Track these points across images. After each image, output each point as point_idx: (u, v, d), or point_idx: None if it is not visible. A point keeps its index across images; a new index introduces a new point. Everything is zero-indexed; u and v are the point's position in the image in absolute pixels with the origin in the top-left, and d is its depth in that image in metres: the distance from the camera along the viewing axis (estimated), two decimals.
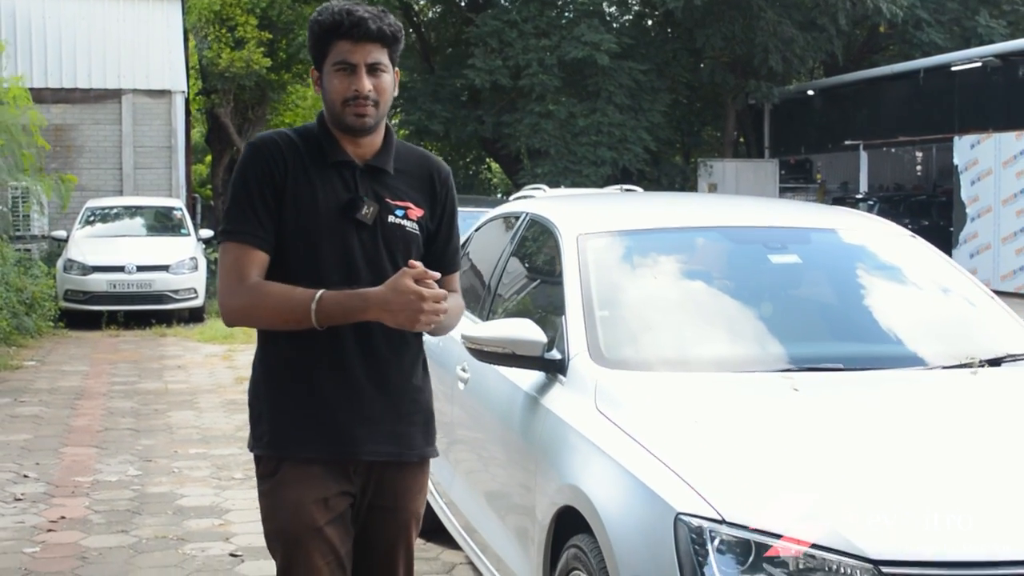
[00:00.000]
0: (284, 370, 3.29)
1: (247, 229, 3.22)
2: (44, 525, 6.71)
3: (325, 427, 3.25)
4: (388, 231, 3.29)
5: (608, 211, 5.64)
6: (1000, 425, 3.84)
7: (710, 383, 4.04)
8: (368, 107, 3.21)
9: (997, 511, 3.24)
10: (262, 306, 3.19)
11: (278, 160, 3.25)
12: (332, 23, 3.20)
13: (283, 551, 3.28)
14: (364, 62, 3.19)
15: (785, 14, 29.12)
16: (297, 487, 3.25)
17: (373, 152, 3.32)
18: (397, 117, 32.94)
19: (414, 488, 3.45)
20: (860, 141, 29.36)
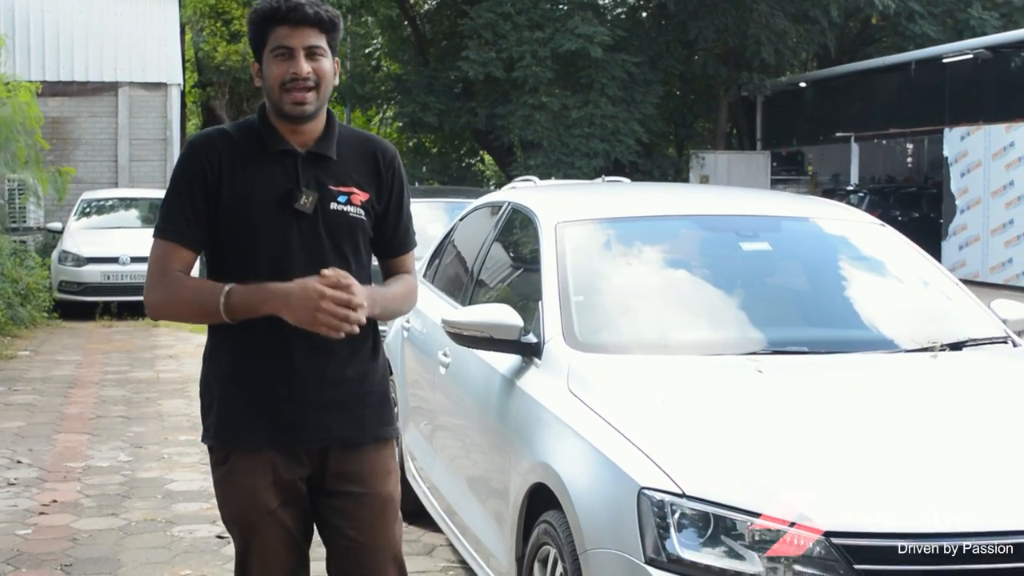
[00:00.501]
0: (229, 362, 3.33)
1: (172, 227, 3.27)
2: (36, 508, 6.84)
3: (269, 417, 3.30)
4: (330, 218, 3.31)
5: (586, 200, 5.77)
6: (953, 405, 4.00)
7: (678, 365, 4.19)
8: (307, 92, 3.21)
9: (941, 486, 3.39)
10: (178, 300, 3.25)
11: (212, 159, 3.27)
12: (270, 10, 3.21)
13: (240, 535, 3.38)
14: (302, 46, 3.20)
15: (778, 6, 29.19)
16: (248, 474, 3.30)
17: (315, 139, 3.33)
18: (392, 109, 33.11)
19: (378, 471, 3.43)
20: (851, 133, 29.48)
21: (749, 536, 3.27)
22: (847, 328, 4.64)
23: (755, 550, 3.25)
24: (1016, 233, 22.57)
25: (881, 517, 3.23)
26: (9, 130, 15.70)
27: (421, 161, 33.43)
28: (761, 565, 3.23)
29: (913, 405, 3.96)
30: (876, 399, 3.99)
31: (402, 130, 33.70)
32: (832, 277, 5.02)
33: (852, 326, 4.67)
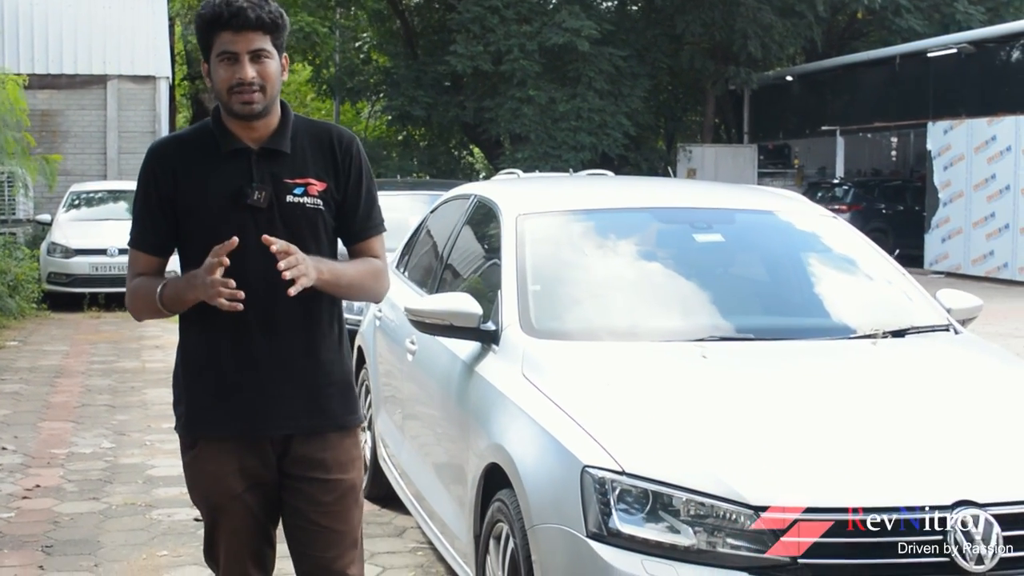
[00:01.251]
0: (197, 355, 3.44)
1: (137, 235, 3.45)
2: (19, 493, 7.03)
3: (233, 408, 3.40)
4: (287, 211, 3.38)
5: (548, 193, 5.96)
6: (886, 389, 4.20)
7: (627, 351, 4.38)
8: (254, 93, 3.28)
9: (867, 463, 3.59)
10: (136, 301, 3.44)
11: (165, 167, 3.39)
12: (213, 15, 3.27)
13: (207, 514, 3.54)
14: (246, 50, 3.26)
15: (765, 0, 29.39)
16: (214, 461, 3.44)
17: (268, 134, 3.39)
18: (380, 103, 33.24)
19: (342, 458, 3.52)
20: (837, 127, 29.66)
21: (685, 511, 3.47)
22: (793, 316, 4.84)
23: (690, 524, 3.45)
24: (997, 226, 22.81)
25: (809, 494, 3.43)
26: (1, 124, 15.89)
27: (410, 154, 33.54)
28: (694, 538, 3.43)
29: (848, 388, 4.17)
30: (813, 383, 4.20)
31: (391, 123, 33.84)
32: (782, 268, 5.23)
33: (798, 314, 4.87)
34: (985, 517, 3.42)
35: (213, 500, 3.48)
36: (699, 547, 3.43)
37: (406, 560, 5.86)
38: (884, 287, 5.13)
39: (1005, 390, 4.33)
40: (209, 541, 3.59)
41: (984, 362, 4.63)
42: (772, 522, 3.38)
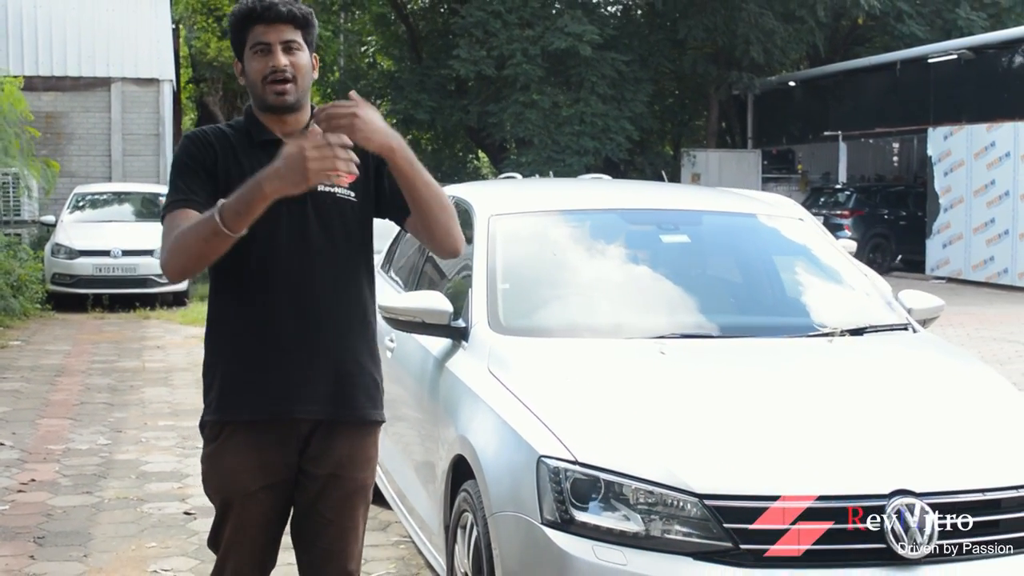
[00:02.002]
0: (227, 340, 3.48)
1: (181, 196, 3.36)
2: (15, 487, 7.21)
3: (261, 390, 3.42)
4: (319, 200, 3.43)
5: (522, 195, 6.14)
6: (835, 384, 4.37)
7: (589, 348, 4.55)
8: (287, 84, 3.37)
9: (805, 454, 3.76)
10: (183, 239, 3.24)
11: (208, 148, 3.44)
12: (247, 11, 3.41)
13: (220, 510, 3.55)
14: (278, 40, 3.37)
15: (767, 6, 29.51)
16: (234, 454, 3.46)
17: (299, 129, 3.42)
18: (385, 106, 33.39)
19: (360, 458, 3.56)
20: (839, 132, 29.77)
21: (634, 498, 3.64)
22: (754, 315, 5.01)
23: (638, 511, 3.61)
24: (997, 231, 22.91)
25: (748, 482, 3.60)
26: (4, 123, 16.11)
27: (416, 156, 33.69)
28: (642, 524, 3.59)
29: (798, 383, 4.33)
30: (764, 378, 4.36)
31: (395, 127, 33.95)
32: (746, 268, 5.40)
33: (759, 313, 5.04)
34: (921, 506, 3.59)
35: (226, 495, 3.51)
36: (647, 533, 3.59)
37: (388, 553, 6.03)
38: (846, 288, 5.29)
39: (950, 386, 4.50)
40: (216, 530, 3.61)
41: (934, 359, 4.79)
42: (715, 509, 3.54)
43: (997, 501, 3.71)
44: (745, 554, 3.52)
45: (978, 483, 3.72)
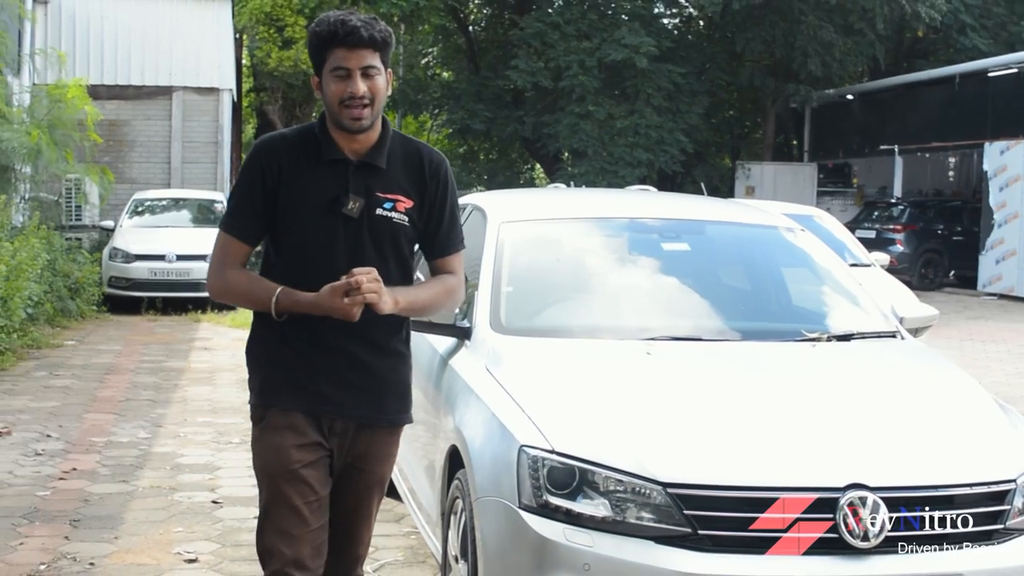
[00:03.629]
0: (278, 337, 3.66)
1: (235, 223, 3.66)
2: (57, 475, 7.58)
3: (307, 387, 3.64)
4: (375, 223, 3.61)
5: (535, 203, 6.40)
6: (807, 385, 4.59)
7: (580, 347, 4.80)
8: (364, 108, 3.53)
9: (772, 448, 3.99)
10: (232, 291, 3.68)
11: (273, 161, 3.61)
12: (329, 33, 3.52)
13: (267, 488, 3.67)
14: (358, 67, 3.50)
15: (826, 18, 29.55)
16: (279, 433, 3.64)
17: (368, 147, 3.63)
18: (442, 116, 33.83)
19: (382, 453, 3.79)
20: (895, 145, 29.72)
21: (604, 485, 3.89)
22: (744, 320, 5.22)
23: (607, 497, 3.86)
24: None
25: (709, 472, 3.84)
26: (66, 128, 16.65)
27: (471, 167, 34.08)
28: (611, 510, 3.84)
29: (771, 384, 4.56)
30: (740, 378, 4.59)
31: (451, 136, 34.43)
32: (742, 276, 5.63)
33: (749, 318, 5.26)
34: (873, 499, 3.81)
35: (273, 472, 3.64)
36: (615, 518, 3.84)
37: (398, 543, 6.30)
38: (838, 296, 5.50)
39: (920, 389, 4.71)
40: (264, 514, 3.68)
41: (910, 364, 4.99)
42: (677, 497, 3.79)
43: (949, 497, 3.92)
44: (703, 539, 3.76)
45: (930, 479, 3.94)
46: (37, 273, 13.71)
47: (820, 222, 12.46)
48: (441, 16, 31.33)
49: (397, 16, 26.56)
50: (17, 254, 12.99)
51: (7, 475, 7.53)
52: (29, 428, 9.00)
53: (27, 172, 16.65)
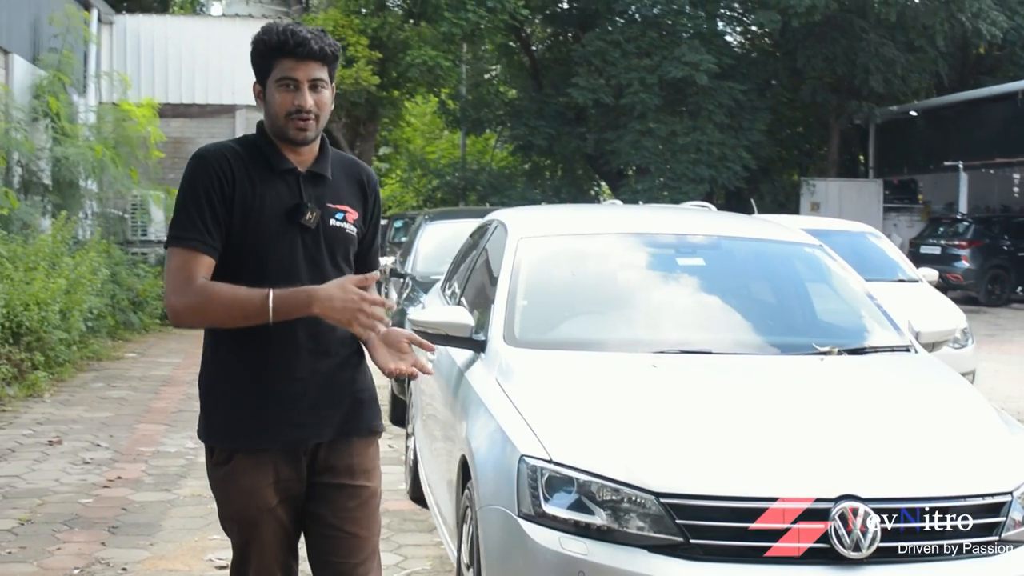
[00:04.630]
0: (236, 366, 3.48)
1: (192, 235, 3.39)
2: (101, 483, 7.80)
3: (278, 421, 3.47)
4: (330, 233, 3.52)
5: (556, 219, 6.52)
6: (808, 398, 4.65)
7: (588, 360, 4.90)
8: (310, 120, 3.43)
9: (767, 459, 4.06)
10: (213, 305, 3.34)
11: (226, 170, 3.42)
12: (278, 42, 3.40)
13: (239, 531, 3.57)
14: (307, 79, 3.41)
15: (887, 35, 29.40)
16: (251, 474, 3.48)
17: (312, 159, 3.53)
18: (504, 132, 34.03)
19: (366, 465, 3.64)
20: (960, 162, 29.46)
21: (600, 494, 3.98)
22: (755, 334, 5.29)
23: (602, 507, 3.95)
24: None
25: (700, 482, 3.92)
26: (132, 146, 17.03)
27: (536, 184, 34.19)
28: (606, 519, 3.93)
29: (773, 396, 4.63)
30: (744, 391, 4.66)
31: (513, 152, 34.62)
32: (756, 290, 5.69)
33: (760, 332, 5.32)
34: (865, 510, 3.86)
35: (248, 514, 3.51)
36: (609, 527, 3.93)
37: (427, 552, 6.42)
38: (854, 311, 5.55)
39: (923, 402, 4.75)
40: (240, 558, 3.63)
41: (917, 378, 5.03)
42: (670, 507, 3.87)
43: (943, 509, 3.95)
44: (695, 548, 3.84)
45: (924, 491, 3.98)
46: (98, 287, 14.03)
47: (873, 240, 12.50)
48: (503, 35, 31.55)
49: (459, 35, 26.77)
50: (77, 268, 13.31)
51: (53, 483, 7.77)
52: (80, 438, 9.25)
53: (93, 189, 17.03)
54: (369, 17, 26.13)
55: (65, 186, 15.75)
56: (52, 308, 11.89)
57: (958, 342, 10.14)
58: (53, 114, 15.69)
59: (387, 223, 22.56)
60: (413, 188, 38.32)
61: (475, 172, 34.86)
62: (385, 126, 33.75)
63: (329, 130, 28.54)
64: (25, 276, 12.00)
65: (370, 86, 25.09)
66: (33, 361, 11.49)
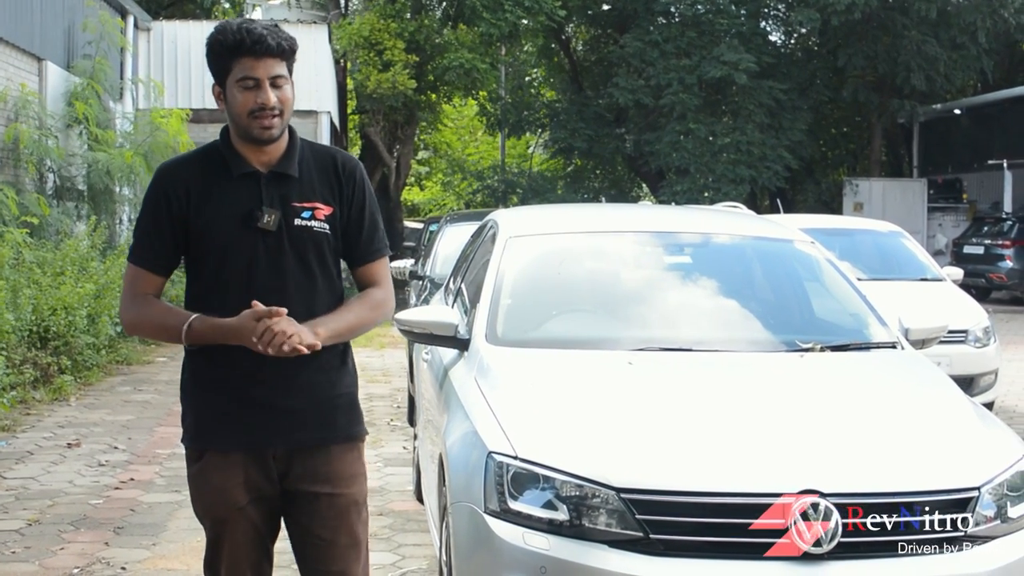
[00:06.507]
0: (206, 371, 3.52)
1: (140, 253, 3.53)
2: (114, 484, 7.89)
3: (243, 423, 3.49)
4: (295, 234, 3.49)
5: (547, 218, 6.53)
6: (777, 395, 4.63)
7: (565, 358, 4.91)
8: (274, 118, 3.41)
9: (729, 455, 4.05)
10: (145, 323, 3.54)
11: (176, 186, 3.49)
12: (234, 42, 3.38)
13: (211, 528, 3.61)
14: (267, 76, 3.39)
15: (930, 33, 29.11)
16: (220, 473, 3.51)
17: (278, 158, 3.50)
18: (545, 135, 34.03)
19: (345, 472, 3.61)
20: (1004, 160, 29.11)
21: (564, 490, 3.99)
22: (737, 331, 5.27)
23: (565, 502, 3.96)
24: None
25: (660, 478, 3.92)
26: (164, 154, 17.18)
27: (580, 186, 34.14)
28: (568, 514, 3.94)
29: (743, 392, 4.62)
30: (715, 387, 4.66)
31: (554, 155, 34.64)
32: (742, 287, 5.67)
33: (744, 330, 5.30)
34: (826, 505, 3.84)
35: (217, 512, 3.54)
36: (572, 522, 3.94)
37: (426, 551, 6.44)
38: (843, 308, 5.52)
39: (898, 399, 4.72)
40: (211, 554, 3.65)
41: (896, 375, 4.99)
42: (630, 502, 3.87)
43: (907, 504, 3.93)
44: (655, 543, 3.84)
45: (887, 487, 3.96)
46: None
47: (902, 240, 12.45)
48: (544, 37, 31.57)
49: (497, 36, 26.81)
50: (107, 273, 13.46)
51: (66, 484, 7.87)
52: (99, 440, 9.36)
53: (127, 195, 17.21)
54: (406, 20, 26.22)
55: (99, 192, 15.94)
56: (80, 313, 12.04)
57: (980, 341, 10.05)
58: (83, 120, 15.87)
59: (423, 227, 22.59)
60: (455, 191, 38.40)
61: (516, 175, 34.91)
62: (424, 130, 33.85)
63: (366, 134, 28.69)
64: (53, 281, 12.16)
65: (407, 90, 25.16)
66: (60, 365, 11.62)
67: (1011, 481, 4.15)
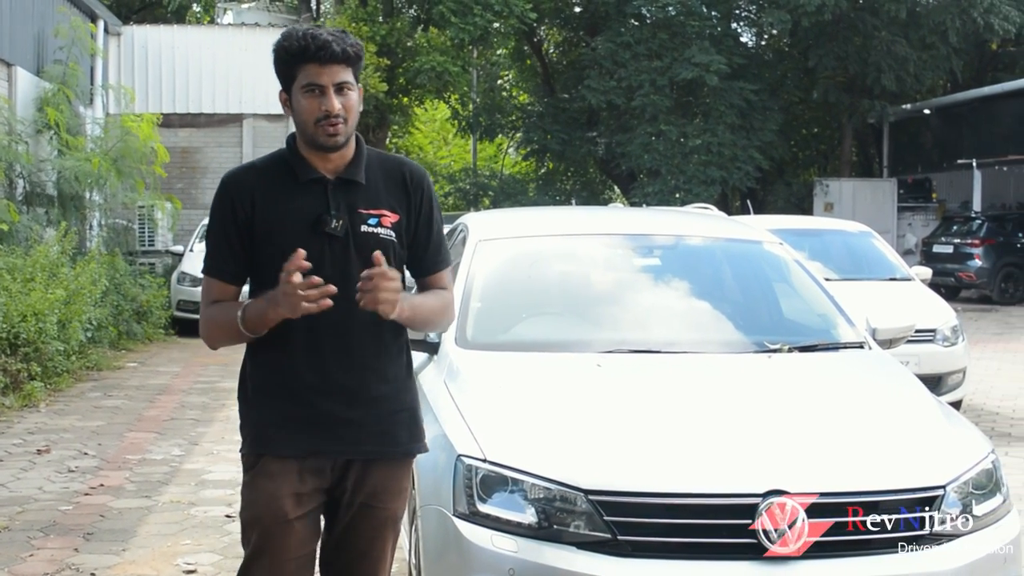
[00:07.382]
0: (268, 377, 3.48)
1: (213, 264, 3.52)
2: (84, 490, 7.85)
3: (303, 430, 3.44)
4: (361, 240, 3.44)
5: (517, 221, 6.53)
6: (744, 396, 4.66)
7: (533, 361, 4.92)
8: (339, 125, 3.36)
9: (696, 457, 4.07)
10: (213, 328, 3.50)
11: (243, 194, 3.45)
12: (299, 48, 3.35)
13: (255, 539, 3.47)
14: (332, 83, 3.34)
15: (900, 33, 29.27)
16: (274, 480, 3.43)
17: (344, 165, 3.46)
18: (517, 138, 34.07)
19: (394, 488, 3.56)
20: (973, 159, 29.29)
21: (532, 492, 4.00)
22: (705, 332, 5.30)
23: (533, 505, 3.98)
24: None
25: (627, 479, 3.94)
26: (134, 159, 17.12)
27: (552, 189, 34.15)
28: (536, 517, 3.95)
29: (710, 394, 4.65)
30: (680, 389, 4.68)
31: (526, 157, 34.67)
32: (711, 289, 5.71)
33: (711, 331, 5.33)
34: (793, 505, 3.87)
35: (265, 522, 3.45)
36: (540, 524, 3.95)
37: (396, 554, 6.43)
38: (811, 308, 5.56)
39: (864, 399, 4.76)
40: (248, 565, 3.53)
41: (862, 375, 5.03)
42: (598, 504, 3.89)
43: (873, 503, 3.96)
44: (623, 544, 3.86)
45: (853, 486, 3.99)
46: (98, 297, 14.12)
47: (872, 240, 12.54)
48: (515, 39, 31.58)
49: (467, 40, 26.80)
50: (77, 279, 13.40)
51: (36, 491, 7.83)
52: (69, 446, 9.31)
53: (97, 200, 17.14)
54: (378, 24, 26.19)
55: (68, 198, 15.86)
56: (50, 319, 11.97)
57: (948, 340, 10.11)
58: (53, 126, 15.80)
59: None
60: None
61: (487, 178, 34.92)
62: (396, 133, 33.81)
63: None
64: (23, 287, 12.09)
65: (378, 93, 25.12)
66: (30, 371, 11.56)
67: (976, 479, 4.19)
